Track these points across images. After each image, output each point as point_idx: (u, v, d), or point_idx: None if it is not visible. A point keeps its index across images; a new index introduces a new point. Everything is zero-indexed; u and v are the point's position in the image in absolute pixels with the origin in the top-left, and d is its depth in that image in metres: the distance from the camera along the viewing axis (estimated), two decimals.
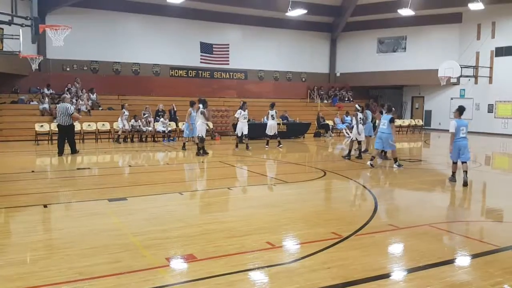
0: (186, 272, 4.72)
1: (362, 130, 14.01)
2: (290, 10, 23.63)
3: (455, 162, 10.11)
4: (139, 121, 19.65)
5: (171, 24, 25.58)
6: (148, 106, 21.00)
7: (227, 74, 27.92)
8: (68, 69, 23.56)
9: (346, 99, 29.82)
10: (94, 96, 22.19)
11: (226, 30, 27.39)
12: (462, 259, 5.23)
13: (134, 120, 19.50)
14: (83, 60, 23.82)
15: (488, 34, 25.81)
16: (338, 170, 11.88)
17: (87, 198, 8.29)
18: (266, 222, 6.62)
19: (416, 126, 27.91)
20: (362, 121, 14.23)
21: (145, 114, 20.17)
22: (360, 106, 14.58)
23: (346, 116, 25.33)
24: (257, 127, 18.53)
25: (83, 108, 20.53)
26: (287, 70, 30.14)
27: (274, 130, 16.89)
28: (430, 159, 15.35)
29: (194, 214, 7.49)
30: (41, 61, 19.11)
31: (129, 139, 19.28)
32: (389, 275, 4.68)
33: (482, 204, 8.84)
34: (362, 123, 14.11)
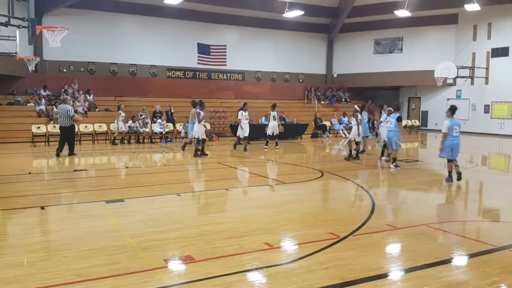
0: (184, 273, 4.73)
1: (360, 131, 14.05)
2: (287, 11, 23.65)
3: (450, 160, 10.17)
4: (137, 122, 19.62)
5: (168, 25, 25.55)
6: (145, 107, 20.96)
7: (225, 75, 27.91)
8: (64, 70, 23.51)
9: (343, 100, 29.87)
10: (91, 97, 22.15)
11: (224, 31, 27.39)
12: (459, 259, 5.25)
13: (131, 121, 19.47)
14: (80, 61, 23.77)
15: (484, 35, 25.89)
16: (336, 171, 11.91)
17: (84, 200, 8.28)
18: (264, 223, 6.63)
19: (412, 126, 28.01)
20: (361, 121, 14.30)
21: (142, 115, 20.14)
22: (359, 107, 14.61)
23: (343, 117, 25.42)
24: (254, 128, 18.54)
25: (80, 109, 20.48)
26: (285, 71, 30.16)
27: (275, 131, 16.86)
28: (426, 160, 15.39)
29: (191, 215, 7.50)
30: (37, 62, 19.09)
31: (126, 141, 19.24)
32: (386, 275, 4.70)
33: (478, 204, 8.86)
34: (360, 124, 14.14)
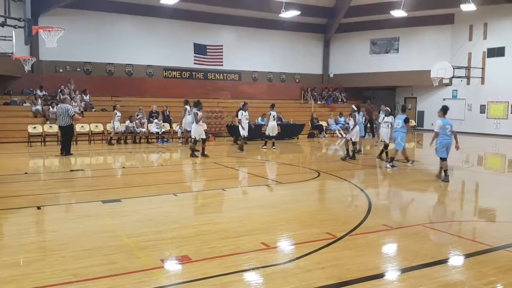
0: (181, 273, 4.73)
1: (357, 131, 14.08)
2: (283, 11, 23.64)
3: (445, 159, 10.28)
4: (134, 122, 19.58)
5: (165, 25, 25.52)
6: (141, 107, 20.95)
7: (221, 75, 27.90)
8: (61, 70, 23.45)
9: (340, 100, 29.91)
10: (87, 97, 22.10)
11: (220, 31, 27.38)
12: (455, 259, 5.27)
13: (129, 121, 19.44)
14: (76, 61, 23.71)
15: (480, 35, 25.99)
16: (332, 171, 11.93)
17: (81, 199, 8.27)
18: (261, 223, 6.63)
19: (409, 127, 28.04)
20: (359, 121, 14.34)
21: (138, 115, 20.11)
22: (357, 107, 14.59)
23: (340, 117, 25.45)
24: (250, 128, 18.47)
25: (76, 109, 20.42)
26: (281, 71, 30.18)
27: (275, 131, 16.84)
28: (423, 160, 15.43)
29: (188, 215, 7.49)
30: (34, 62, 19.00)
31: (122, 141, 19.21)
32: (383, 275, 4.71)
33: (474, 204, 8.89)
34: (357, 124, 14.16)
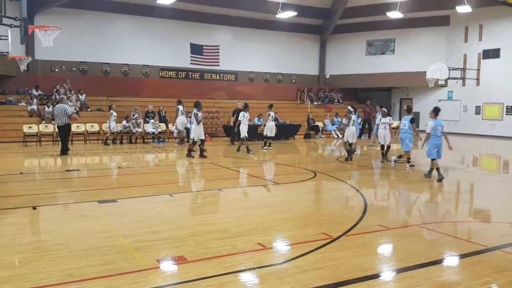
0: (177, 274, 4.72)
1: (353, 132, 13.93)
2: (280, 12, 23.66)
3: (434, 159, 10.57)
4: (130, 122, 19.54)
5: (161, 25, 25.47)
6: (137, 107, 20.89)
7: (218, 75, 27.87)
8: (56, 70, 23.35)
9: (336, 101, 29.95)
10: (83, 97, 22.03)
11: (216, 32, 27.36)
12: (451, 259, 5.29)
13: (125, 121, 19.39)
14: (72, 61, 23.62)
15: (475, 36, 26.09)
16: (328, 171, 11.95)
17: (77, 200, 8.25)
18: (257, 223, 6.64)
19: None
20: (355, 122, 14.26)
21: (134, 115, 20.06)
22: (353, 108, 14.51)
23: (336, 117, 25.49)
24: (250, 129, 18.40)
25: (72, 109, 20.33)
26: (277, 72, 30.18)
27: (273, 132, 16.80)
28: (418, 160, 15.45)
29: (184, 215, 7.49)
30: (29, 62, 18.95)
31: (118, 141, 19.17)
32: (379, 275, 4.73)
33: (470, 204, 8.93)
34: (353, 125, 14.06)
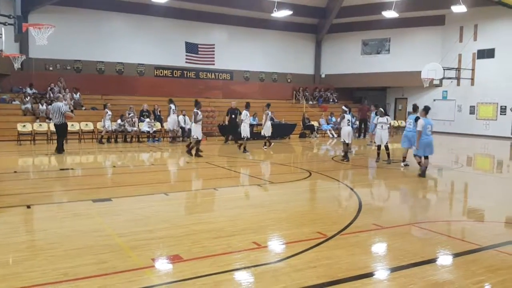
0: (172, 272, 4.72)
1: (349, 132, 13.73)
2: (275, 11, 23.67)
3: (420, 157, 11.01)
4: (125, 121, 19.48)
5: (156, 23, 25.39)
6: (132, 106, 20.80)
7: (213, 74, 27.84)
8: (51, 68, 23.25)
9: (331, 100, 30.00)
10: (77, 95, 21.94)
11: (212, 30, 27.32)
12: (445, 258, 5.32)
13: (120, 120, 19.33)
14: (66, 59, 23.50)
15: (470, 36, 26.20)
16: (323, 171, 11.97)
17: (71, 198, 8.22)
18: (252, 222, 6.65)
19: (399, 127, 28.19)
20: (351, 122, 14.02)
21: (130, 114, 20.00)
22: (347, 107, 14.41)
23: (331, 117, 25.53)
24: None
25: (67, 108, 20.25)
26: (273, 71, 30.18)
27: (270, 131, 16.79)
28: (413, 160, 15.51)
29: (179, 214, 7.48)
30: (23, 60, 18.86)
31: (112, 140, 19.10)
32: (373, 274, 4.75)
33: (464, 204, 8.98)
34: (349, 125, 13.80)
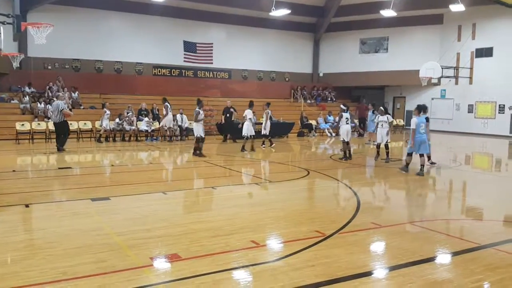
0: (171, 271, 4.72)
1: (347, 130, 13.61)
2: (273, 10, 23.66)
3: (410, 155, 11.25)
4: (123, 120, 19.45)
5: (154, 22, 25.38)
6: (130, 105, 20.77)
7: (211, 73, 27.84)
8: (49, 67, 23.22)
9: (329, 99, 30.02)
10: (75, 94, 21.91)
11: (210, 29, 27.31)
12: (443, 257, 5.32)
13: (119, 119, 19.31)
14: (65, 58, 23.49)
15: (468, 35, 26.23)
16: (321, 169, 11.98)
17: (70, 197, 8.22)
18: (250, 221, 6.65)
19: (397, 126, 28.22)
20: (349, 121, 13.93)
21: (128, 113, 19.97)
22: (345, 106, 14.34)
23: (329, 116, 25.54)
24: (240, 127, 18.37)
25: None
26: (271, 70, 30.20)
27: (268, 130, 16.83)
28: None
29: (178, 213, 7.48)
30: (22, 59, 18.84)
31: (111, 138, 19.09)
32: (371, 273, 4.75)
33: (462, 202, 8.98)
34: (348, 123, 13.68)
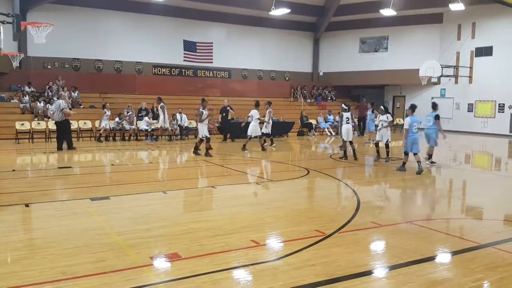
0: (171, 271, 4.71)
1: (350, 130, 13.56)
2: (273, 9, 23.64)
3: (407, 154, 11.40)
4: (123, 119, 19.44)
5: (154, 21, 25.38)
6: (130, 104, 20.75)
7: (211, 72, 27.84)
8: (49, 66, 23.22)
9: (329, 99, 30.03)
10: (75, 94, 21.91)
11: (210, 28, 27.31)
12: (443, 256, 5.32)
13: (118, 118, 19.30)
14: (65, 57, 23.49)
15: (468, 34, 26.22)
16: (321, 169, 11.97)
17: (69, 197, 8.22)
18: (250, 221, 6.64)
19: (397, 125, 28.20)
20: (350, 120, 13.88)
21: (128, 112, 19.96)
22: (346, 105, 14.19)
23: (329, 115, 25.54)
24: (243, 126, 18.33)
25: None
26: (271, 69, 30.20)
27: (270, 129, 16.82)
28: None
29: (178, 213, 7.48)
30: (22, 58, 18.84)
31: (110, 138, 19.08)
32: (371, 272, 4.74)
33: (462, 201, 8.98)
34: (349, 122, 13.61)
